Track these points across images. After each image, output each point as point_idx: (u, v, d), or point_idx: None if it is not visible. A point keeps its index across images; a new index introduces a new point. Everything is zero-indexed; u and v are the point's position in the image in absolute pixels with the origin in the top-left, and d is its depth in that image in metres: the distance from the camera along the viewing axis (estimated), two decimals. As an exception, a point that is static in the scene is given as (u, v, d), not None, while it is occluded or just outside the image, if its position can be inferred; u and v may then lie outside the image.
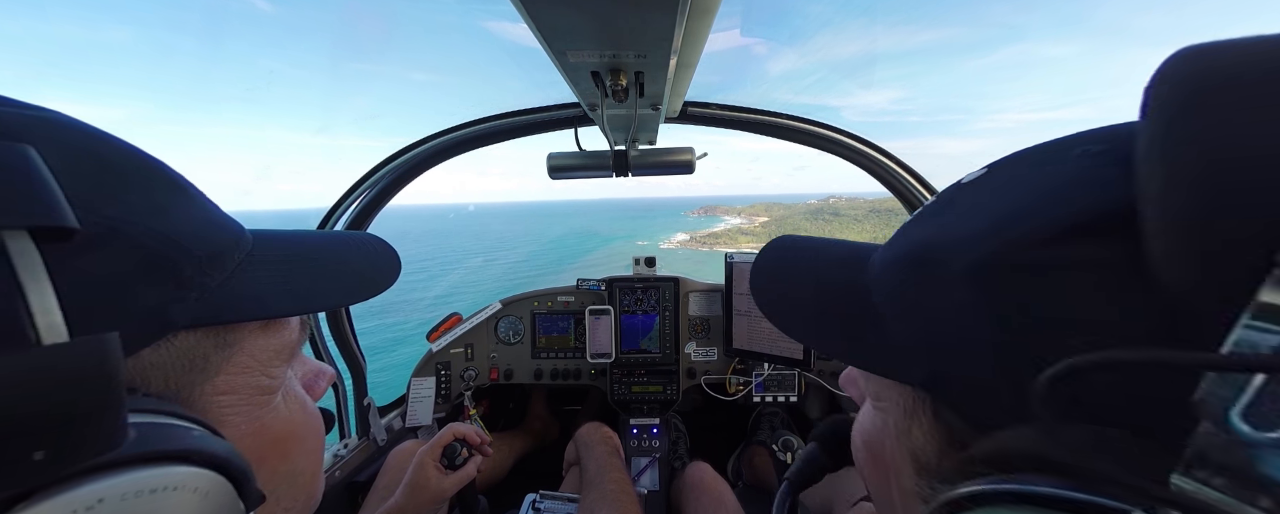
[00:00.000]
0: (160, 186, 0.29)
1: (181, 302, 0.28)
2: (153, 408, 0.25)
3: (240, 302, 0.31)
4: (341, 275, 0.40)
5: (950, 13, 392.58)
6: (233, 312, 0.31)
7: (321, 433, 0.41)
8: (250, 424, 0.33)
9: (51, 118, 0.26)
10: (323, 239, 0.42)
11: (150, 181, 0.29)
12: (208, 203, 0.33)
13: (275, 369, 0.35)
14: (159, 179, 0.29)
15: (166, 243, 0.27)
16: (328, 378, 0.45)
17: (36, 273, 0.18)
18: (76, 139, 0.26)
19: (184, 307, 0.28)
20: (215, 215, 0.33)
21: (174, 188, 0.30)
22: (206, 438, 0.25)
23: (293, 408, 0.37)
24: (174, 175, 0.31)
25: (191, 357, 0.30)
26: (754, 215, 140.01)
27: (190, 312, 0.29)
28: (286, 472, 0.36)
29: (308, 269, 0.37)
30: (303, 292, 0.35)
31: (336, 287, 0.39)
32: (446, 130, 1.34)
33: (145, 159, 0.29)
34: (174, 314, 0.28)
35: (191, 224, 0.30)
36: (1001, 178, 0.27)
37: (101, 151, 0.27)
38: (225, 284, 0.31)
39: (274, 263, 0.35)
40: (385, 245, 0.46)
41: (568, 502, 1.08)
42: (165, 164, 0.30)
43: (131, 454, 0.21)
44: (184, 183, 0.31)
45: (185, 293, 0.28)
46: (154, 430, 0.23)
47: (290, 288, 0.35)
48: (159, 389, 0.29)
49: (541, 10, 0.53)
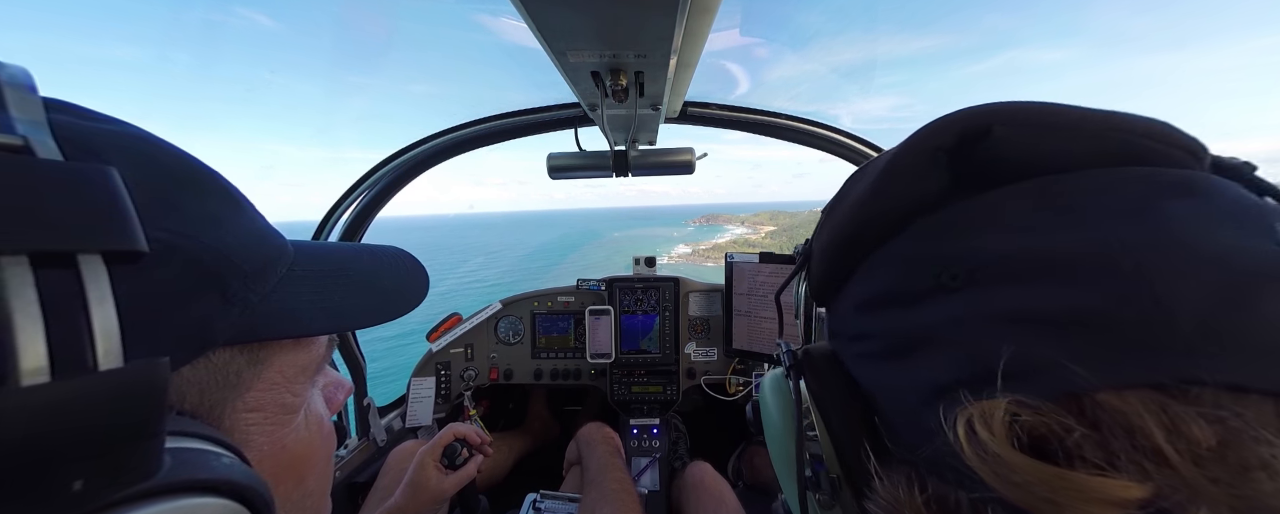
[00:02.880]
0: (215, 197, 0.29)
1: (225, 317, 0.27)
2: (186, 430, 0.24)
3: (278, 318, 0.31)
4: (373, 292, 0.38)
5: (945, 19, 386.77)
6: (270, 328, 0.30)
7: (333, 454, 0.40)
8: (272, 445, 0.32)
9: (128, 132, 0.26)
10: (355, 253, 0.40)
11: (206, 192, 0.28)
12: (256, 214, 0.32)
13: (300, 386, 0.34)
14: (214, 189, 0.29)
15: (218, 257, 0.27)
16: (346, 391, 0.43)
17: (103, 296, 0.18)
18: (150, 153, 0.26)
19: (227, 322, 0.28)
20: (264, 227, 0.32)
21: (227, 198, 0.30)
22: (236, 466, 0.24)
23: (312, 429, 0.36)
24: (227, 184, 0.30)
25: (227, 373, 0.29)
26: (759, 224, 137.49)
27: (232, 327, 0.28)
28: (298, 497, 0.35)
29: (341, 285, 0.36)
30: (336, 309, 0.34)
31: (369, 304, 0.38)
32: (446, 131, 1.34)
33: (201, 168, 0.29)
34: (217, 330, 0.27)
35: (241, 237, 0.29)
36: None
37: (167, 163, 0.27)
38: (267, 299, 0.30)
39: (311, 278, 0.34)
40: (414, 262, 0.44)
41: (569, 501, 1.08)
42: (218, 173, 0.30)
43: (164, 484, 0.20)
44: (236, 193, 0.30)
45: (229, 308, 0.28)
46: (187, 457, 0.22)
47: (325, 305, 0.34)
48: (193, 406, 0.28)
49: (541, 10, 0.53)
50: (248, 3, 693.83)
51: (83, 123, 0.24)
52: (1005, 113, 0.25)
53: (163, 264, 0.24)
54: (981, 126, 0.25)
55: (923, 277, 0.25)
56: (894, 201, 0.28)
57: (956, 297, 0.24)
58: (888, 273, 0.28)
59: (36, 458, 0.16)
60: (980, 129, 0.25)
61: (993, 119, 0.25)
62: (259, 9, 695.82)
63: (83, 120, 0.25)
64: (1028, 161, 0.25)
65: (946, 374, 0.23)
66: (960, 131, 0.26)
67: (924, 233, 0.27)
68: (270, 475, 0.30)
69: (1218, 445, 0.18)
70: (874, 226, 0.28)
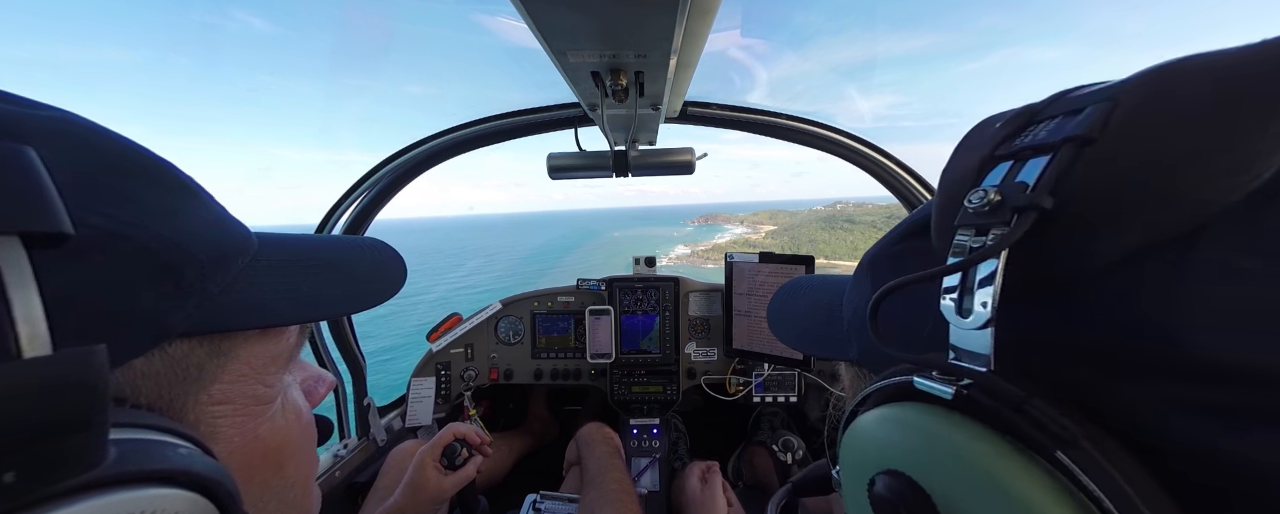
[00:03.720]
0: (168, 187, 0.28)
1: (180, 308, 0.27)
2: (139, 421, 0.24)
3: (241, 309, 0.30)
4: (346, 281, 0.38)
5: (942, 18, 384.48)
6: (233, 319, 0.30)
7: (315, 443, 0.40)
8: (243, 436, 0.32)
9: (60, 117, 0.25)
10: (327, 243, 0.40)
11: (157, 182, 0.28)
12: (216, 205, 0.31)
13: (272, 377, 0.34)
14: (166, 179, 0.28)
15: (170, 247, 0.26)
16: (327, 384, 0.43)
17: (23, 280, 0.17)
18: (84, 138, 0.25)
19: (183, 314, 0.27)
20: (223, 218, 0.31)
21: (182, 189, 0.29)
22: (194, 456, 0.24)
23: (289, 418, 0.36)
24: (182, 176, 0.29)
25: (186, 366, 0.29)
26: (758, 223, 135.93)
27: (189, 319, 0.27)
28: (278, 485, 0.35)
29: (312, 275, 0.36)
30: (306, 299, 0.34)
31: (341, 294, 0.38)
32: (446, 131, 1.34)
33: (152, 159, 0.28)
34: (171, 321, 0.27)
35: (198, 227, 0.29)
36: None
37: (108, 151, 0.26)
38: (227, 290, 0.30)
39: (278, 268, 0.34)
40: (391, 251, 0.44)
41: (568, 502, 1.08)
42: (173, 164, 0.29)
43: (108, 475, 0.19)
44: (192, 184, 0.30)
45: (185, 299, 0.27)
46: (137, 448, 0.22)
47: (293, 295, 0.33)
48: (150, 399, 0.27)
49: (541, 10, 0.53)
50: (244, 6, 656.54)
51: (9, 107, 0.23)
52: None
53: (105, 252, 0.24)
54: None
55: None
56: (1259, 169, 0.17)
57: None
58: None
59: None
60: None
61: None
62: (254, 12, 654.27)
63: (10, 106, 0.24)
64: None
65: None
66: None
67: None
68: (244, 465, 0.30)
69: None
70: (1243, 169, 0.17)
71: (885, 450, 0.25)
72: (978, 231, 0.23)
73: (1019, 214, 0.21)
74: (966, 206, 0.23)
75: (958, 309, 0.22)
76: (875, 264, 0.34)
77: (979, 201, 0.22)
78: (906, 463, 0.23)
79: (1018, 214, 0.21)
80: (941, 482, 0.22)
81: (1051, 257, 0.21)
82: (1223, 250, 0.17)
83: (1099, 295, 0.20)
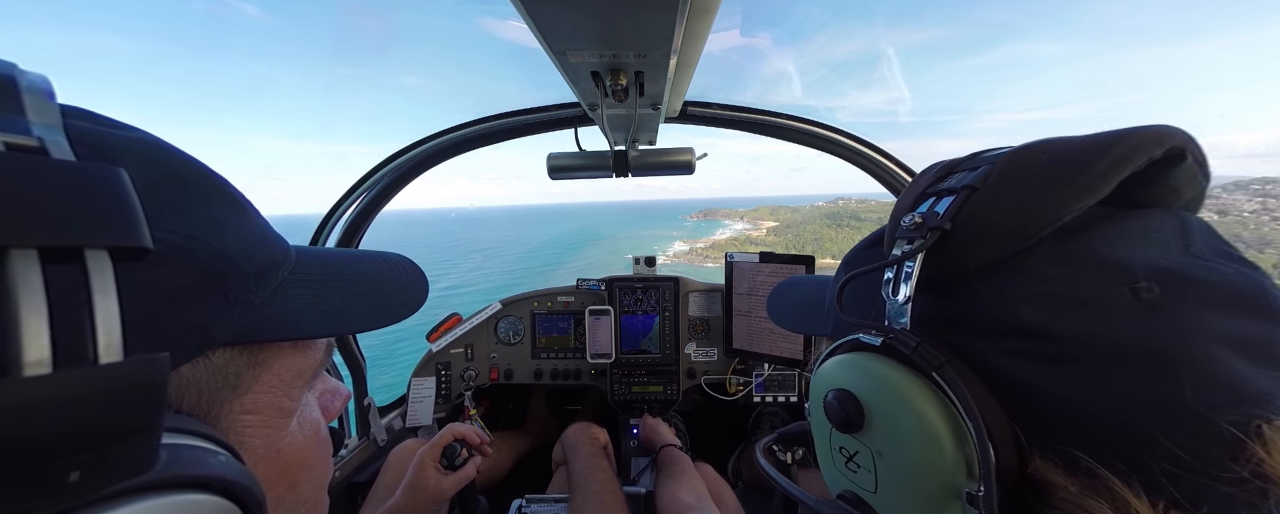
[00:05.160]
0: (219, 200, 0.29)
1: (226, 318, 0.28)
2: (183, 427, 0.25)
3: (277, 320, 0.31)
4: (371, 296, 0.39)
5: (944, 12, 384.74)
6: (270, 330, 0.31)
7: (330, 460, 0.40)
8: (267, 448, 0.32)
9: (137, 137, 0.27)
10: (355, 258, 0.41)
11: (211, 195, 0.29)
12: (259, 217, 0.32)
13: (296, 390, 0.34)
14: (218, 192, 0.29)
15: (221, 259, 0.27)
16: (342, 398, 0.43)
17: (107, 290, 0.18)
18: (157, 157, 0.27)
19: (227, 323, 0.28)
20: (265, 230, 0.32)
21: (231, 202, 0.30)
22: (230, 464, 0.25)
23: (307, 434, 0.36)
24: (231, 188, 0.31)
25: (226, 374, 0.29)
26: (759, 219, 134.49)
27: (232, 328, 0.28)
28: (291, 501, 0.35)
29: (341, 289, 0.36)
30: (335, 313, 0.35)
31: (366, 308, 0.38)
32: (446, 131, 1.34)
33: (206, 172, 0.29)
34: (217, 330, 0.28)
35: (244, 239, 0.30)
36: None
37: (174, 167, 0.27)
38: (267, 301, 0.31)
39: (311, 281, 0.34)
40: (414, 268, 0.45)
41: (555, 502, 1.08)
42: (223, 177, 0.30)
43: (159, 479, 0.20)
44: (239, 196, 0.31)
45: (231, 309, 0.28)
46: (182, 454, 0.23)
47: (324, 308, 0.34)
48: (191, 405, 0.28)
49: (541, 10, 0.53)
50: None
51: (97, 128, 0.25)
52: (1194, 145, 0.28)
53: (167, 263, 0.25)
54: (1180, 150, 0.28)
55: (1110, 286, 0.26)
56: (1084, 199, 0.28)
57: (1161, 316, 0.25)
58: (1066, 274, 0.28)
59: (36, 448, 0.16)
60: (1180, 152, 0.28)
61: (1187, 147, 0.28)
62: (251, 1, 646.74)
63: (98, 126, 0.25)
64: (1175, 193, 0.30)
65: (1207, 393, 0.24)
66: (1169, 148, 0.28)
67: (1108, 239, 0.28)
68: (264, 479, 0.30)
69: None
70: (1050, 218, 0.28)
71: (837, 377, 0.36)
72: (908, 242, 0.33)
73: (930, 232, 0.31)
74: (903, 225, 0.34)
75: (893, 292, 0.34)
76: (849, 263, 0.44)
77: (908, 223, 0.33)
78: (851, 383, 0.35)
79: (930, 232, 0.32)
80: (867, 391, 0.33)
81: (946, 260, 0.31)
82: (1039, 262, 0.29)
83: (971, 286, 0.31)
